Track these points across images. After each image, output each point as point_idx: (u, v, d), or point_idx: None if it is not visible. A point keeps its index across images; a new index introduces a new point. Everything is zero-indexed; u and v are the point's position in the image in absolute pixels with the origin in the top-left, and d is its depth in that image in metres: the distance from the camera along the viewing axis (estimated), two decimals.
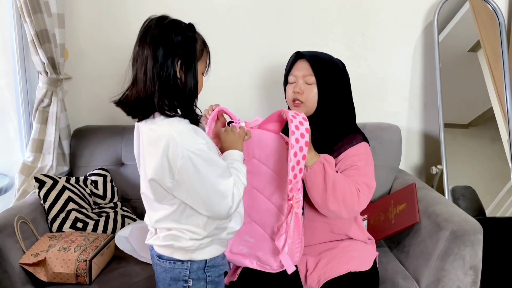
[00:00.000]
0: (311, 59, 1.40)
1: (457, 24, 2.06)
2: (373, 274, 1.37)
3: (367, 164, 1.39)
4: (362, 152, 1.40)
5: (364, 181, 1.34)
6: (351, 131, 1.44)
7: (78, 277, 1.48)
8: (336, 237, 1.45)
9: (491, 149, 2.07)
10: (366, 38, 2.11)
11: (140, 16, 2.07)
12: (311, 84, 1.40)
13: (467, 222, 1.45)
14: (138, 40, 1.07)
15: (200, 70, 1.12)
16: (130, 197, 1.99)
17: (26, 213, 1.62)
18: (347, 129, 1.44)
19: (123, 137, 1.99)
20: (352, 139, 1.41)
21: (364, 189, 1.33)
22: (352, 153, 1.39)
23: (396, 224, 1.63)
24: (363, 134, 1.47)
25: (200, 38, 1.11)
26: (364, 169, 1.37)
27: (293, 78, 1.44)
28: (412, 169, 2.24)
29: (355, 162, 1.37)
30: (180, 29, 1.07)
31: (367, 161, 1.39)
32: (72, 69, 2.09)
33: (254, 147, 1.31)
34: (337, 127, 1.43)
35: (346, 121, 1.47)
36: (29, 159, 1.87)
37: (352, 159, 1.37)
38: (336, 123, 1.43)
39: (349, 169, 1.37)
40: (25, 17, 1.71)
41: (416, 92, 2.17)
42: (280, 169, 1.27)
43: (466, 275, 1.43)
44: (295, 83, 1.43)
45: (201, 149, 1.03)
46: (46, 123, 1.88)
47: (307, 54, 1.42)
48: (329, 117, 1.42)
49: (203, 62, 1.12)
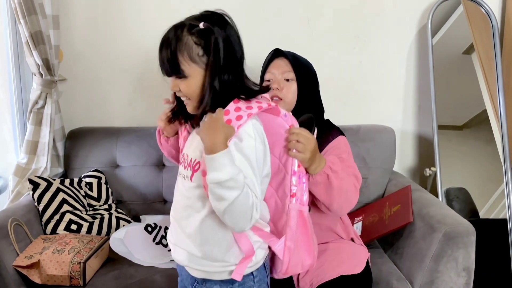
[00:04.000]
0: (290, 56, 1.43)
1: (451, 27, 2.07)
2: (366, 276, 1.36)
3: (350, 156, 1.38)
4: (342, 145, 1.40)
5: (353, 172, 1.33)
6: (326, 128, 1.44)
7: (72, 279, 1.47)
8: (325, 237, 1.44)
9: (485, 151, 2.09)
10: (360, 41, 2.12)
11: (135, 17, 2.09)
12: (290, 80, 1.40)
13: (460, 224, 1.45)
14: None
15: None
16: (125, 199, 1.98)
17: (20, 215, 1.61)
18: (323, 126, 1.44)
19: (118, 139, 1.99)
20: (328, 136, 1.41)
21: (355, 181, 1.33)
22: (333, 148, 1.38)
23: (389, 224, 1.64)
24: (338, 128, 1.47)
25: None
26: (349, 161, 1.36)
27: (270, 75, 1.44)
28: (406, 171, 2.25)
29: (340, 155, 1.34)
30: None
31: (349, 153, 1.39)
32: (67, 71, 2.08)
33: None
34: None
35: (321, 118, 1.49)
36: (23, 161, 1.87)
37: (335, 153, 1.35)
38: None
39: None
40: (20, 18, 1.71)
41: (410, 94, 2.18)
42: (286, 158, 1.13)
43: (459, 277, 1.44)
44: (273, 79, 1.42)
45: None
46: (40, 124, 1.88)
47: (285, 51, 1.45)
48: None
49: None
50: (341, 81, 2.15)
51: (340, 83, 2.15)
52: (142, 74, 2.12)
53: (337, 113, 2.16)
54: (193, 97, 1.03)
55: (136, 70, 2.11)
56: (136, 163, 1.98)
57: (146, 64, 2.10)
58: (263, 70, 1.50)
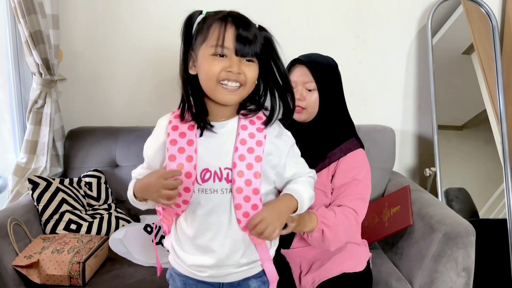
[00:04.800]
0: (310, 64, 1.37)
1: (450, 27, 2.07)
2: (366, 275, 1.38)
3: (366, 175, 1.38)
4: (361, 163, 1.38)
5: (361, 197, 1.34)
6: (348, 135, 1.43)
7: (71, 279, 1.47)
8: None
9: (485, 151, 2.09)
10: (360, 41, 2.12)
11: (135, 17, 2.09)
12: (312, 90, 1.38)
13: (460, 224, 1.45)
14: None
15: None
16: (124, 199, 1.97)
17: (19, 215, 1.61)
18: (344, 134, 1.42)
19: (118, 139, 1.99)
20: (349, 145, 1.40)
21: (361, 206, 1.34)
22: (353, 165, 1.36)
23: (389, 226, 1.64)
24: (358, 138, 1.45)
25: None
26: (364, 181, 1.36)
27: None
28: (406, 171, 2.25)
29: (356, 176, 1.35)
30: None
31: (366, 171, 1.38)
32: (67, 70, 2.08)
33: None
34: (334, 131, 1.41)
35: (343, 124, 1.45)
36: (22, 161, 1.87)
37: (353, 172, 1.35)
38: (334, 127, 1.41)
39: (350, 183, 1.35)
40: (19, 18, 1.71)
41: (410, 94, 2.18)
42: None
43: (459, 277, 1.44)
44: (295, 89, 1.37)
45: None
46: (40, 124, 1.88)
47: (304, 59, 1.39)
48: (329, 121, 1.40)
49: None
50: None
51: None
52: (142, 74, 2.12)
53: None
54: (247, 85, 0.98)
55: (136, 69, 2.11)
56: (135, 163, 1.94)
57: (146, 64, 2.10)
58: None
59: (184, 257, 1.07)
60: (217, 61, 0.95)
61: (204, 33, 0.96)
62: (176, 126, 1.00)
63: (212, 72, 0.95)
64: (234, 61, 0.95)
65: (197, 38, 0.97)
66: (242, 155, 0.99)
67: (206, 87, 0.98)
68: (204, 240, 1.03)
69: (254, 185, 0.99)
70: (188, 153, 0.98)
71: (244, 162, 0.99)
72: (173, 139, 0.99)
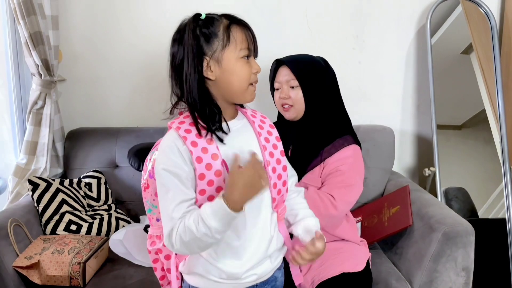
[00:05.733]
0: (290, 64, 1.44)
1: (449, 27, 2.07)
2: (366, 275, 1.38)
3: (351, 168, 1.41)
4: (348, 156, 1.42)
5: (343, 185, 1.38)
6: (343, 132, 1.46)
7: (71, 280, 1.48)
8: (329, 238, 1.45)
9: (484, 151, 2.09)
10: (360, 41, 2.12)
11: (134, 18, 2.09)
12: (295, 87, 1.44)
13: (460, 224, 1.46)
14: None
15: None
16: (124, 200, 1.98)
17: (19, 216, 1.61)
18: (339, 130, 1.45)
19: (118, 139, 1.99)
20: (342, 141, 1.43)
21: (342, 193, 1.37)
22: (338, 157, 1.41)
23: (389, 226, 1.64)
24: (354, 135, 1.48)
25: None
26: (348, 172, 1.40)
27: (278, 85, 1.49)
28: (405, 171, 2.25)
29: (339, 166, 1.40)
30: None
31: (353, 164, 1.41)
32: (66, 71, 2.08)
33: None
34: (327, 128, 1.44)
35: (337, 121, 1.48)
36: (22, 161, 1.87)
37: (336, 164, 1.40)
38: (326, 124, 1.44)
39: (333, 173, 1.40)
40: (19, 19, 1.71)
41: (409, 94, 2.18)
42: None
43: (459, 276, 1.44)
44: (281, 89, 1.47)
45: (161, 170, 0.95)
46: (39, 125, 1.88)
47: (286, 59, 1.46)
48: (318, 118, 1.44)
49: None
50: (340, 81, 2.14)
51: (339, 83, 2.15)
52: (141, 75, 2.12)
53: None
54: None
55: (136, 70, 2.11)
56: None
57: (145, 65, 2.10)
58: (271, 79, 1.53)
59: (225, 267, 1.01)
60: (247, 63, 0.99)
61: (221, 37, 0.96)
62: (195, 142, 0.95)
63: (248, 74, 0.99)
64: (255, 63, 1.01)
65: (210, 42, 0.95)
66: (271, 152, 1.04)
67: (235, 89, 0.99)
68: (244, 240, 1.01)
69: (283, 177, 1.06)
70: (216, 168, 0.95)
71: (274, 159, 1.03)
72: (198, 156, 0.94)
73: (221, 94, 0.99)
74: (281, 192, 1.05)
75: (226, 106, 1.02)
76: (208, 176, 0.95)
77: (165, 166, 0.95)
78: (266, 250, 1.04)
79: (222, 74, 0.97)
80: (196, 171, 0.94)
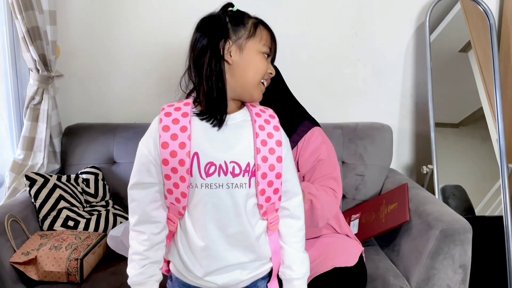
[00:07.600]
0: None
1: (448, 24, 2.08)
2: (359, 269, 1.36)
3: (327, 151, 1.41)
4: (320, 142, 1.42)
5: (331, 176, 1.38)
6: (300, 120, 1.44)
7: (69, 276, 1.47)
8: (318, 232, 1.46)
9: (481, 149, 2.10)
10: (359, 38, 2.12)
11: (133, 13, 2.08)
12: None
13: (457, 221, 1.46)
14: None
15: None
16: (122, 196, 1.98)
17: (16, 212, 1.61)
18: (296, 119, 1.44)
19: (115, 135, 1.98)
20: (303, 127, 1.42)
21: (335, 184, 1.37)
22: (313, 147, 1.40)
23: (386, 222, 1.65)
24: (311, 118, 1.47)
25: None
26: (329, 160, 1.40)
27: None
28: (403, 168, 2.26)
29: (319, 156, 1.39)
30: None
31: (327, 147, 1.42)
32: (64, 67, 2.07)
33: None
34: (285, 120, 1.39)
35: (292, 111, 1.45)
36: (19, 157, 1.86)
37: (315, 154, 1.40)
38: (284, 115, 1.39)
39: (316, 166, 1.39)
40: (17, 14, 1.70)
41: (408, 92, 2.19)
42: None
43: (456, 274, 1.45)
44: None
45: (139, 144, 1.01)
46: (37, 120, 1.87)
47: None
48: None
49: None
50: (338, 78, 2.16)
51: (338, 80, 2.16)
52: (140, 70, 2.11)
53: (334, 110, 2.18)
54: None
55: (134, 66, 2.11)
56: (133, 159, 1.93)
57: (144, 60, 2.09)
58: None
59: (192, 267, 1.00)
60: (266, 60, 1.00)
61: (249, 28, 0.98)
62: (167, 127, 0.95)
63: (264, 69, 0.99)
64: (271, 65, 1.03)
65: (237, 29, 0.97)
66: (265, 156, 0.97)
67: (248, 79, 0.98)
68: (210, 241, 0.98)
69: (275, 185, 0.99)
70: (180, 157, 0.93)
71: (266, 164, 0.97)
72: (165, 141, 0.94)
73: (232, 82, 0.97)
74: (270, 200, 0.99)
75: (230, 99, 0.98)
76: (171, 163, 0.94)
77: (141, 142, 1.01)
78: (237, 258, 1.00)
79: (240, 61, 0.97)
80: (161, 155, 0.95)
